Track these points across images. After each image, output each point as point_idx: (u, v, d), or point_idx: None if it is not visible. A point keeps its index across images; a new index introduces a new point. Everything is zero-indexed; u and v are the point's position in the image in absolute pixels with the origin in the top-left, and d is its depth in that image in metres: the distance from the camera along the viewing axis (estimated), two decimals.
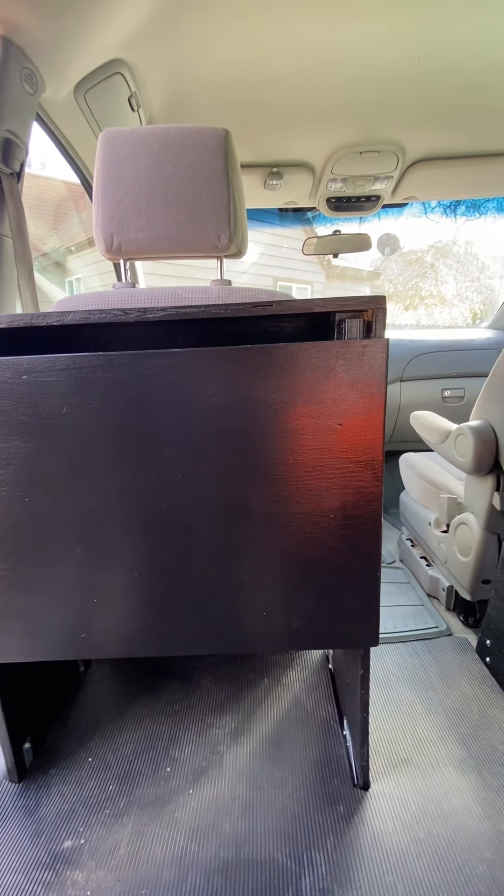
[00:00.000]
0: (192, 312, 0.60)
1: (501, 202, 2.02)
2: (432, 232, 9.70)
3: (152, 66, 1.08)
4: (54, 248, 4.27)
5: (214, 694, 1.03)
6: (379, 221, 2.19)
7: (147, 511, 0.65)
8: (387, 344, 0.60)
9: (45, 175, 3.43)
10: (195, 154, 0.75)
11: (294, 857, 0.70)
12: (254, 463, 0.64)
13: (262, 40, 1.02)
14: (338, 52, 1.04)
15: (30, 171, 3.35)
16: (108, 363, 0.60)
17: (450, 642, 1.18)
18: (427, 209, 2.13)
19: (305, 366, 0.61)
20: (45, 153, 1.33)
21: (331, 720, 0.95)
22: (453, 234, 9.18)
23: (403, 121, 1.29)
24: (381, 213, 2.00)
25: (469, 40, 1.03)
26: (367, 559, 0.67)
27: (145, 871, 0.69)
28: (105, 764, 0.87)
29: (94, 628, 0.71)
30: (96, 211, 0.78)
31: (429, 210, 2.13)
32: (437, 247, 9.68)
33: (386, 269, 9.81)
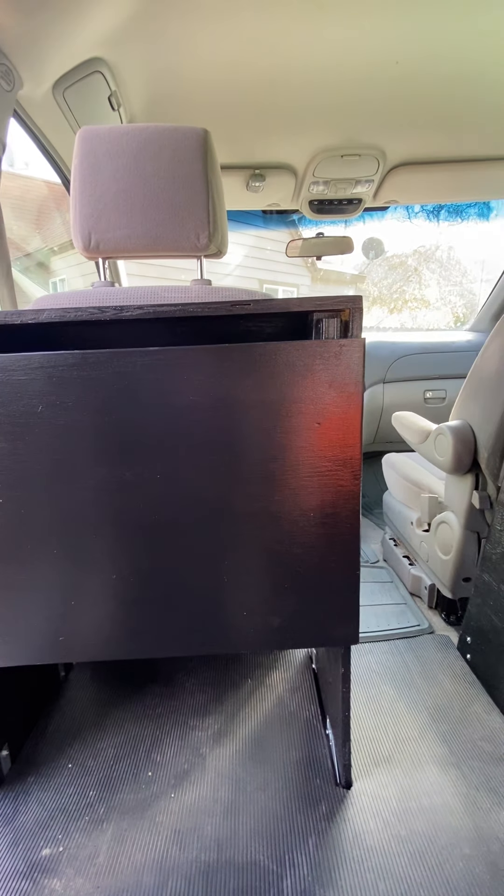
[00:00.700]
0: (169, 311, 0.59)
1: (482, 207, 2.07)
2: (416, 236, 9.84)
3: (132, 65, 1.07)
4: (38, 248, 4.23)
5: (197, 696, 1.02)
6: (364, 225, 2.21)
7: (125, 511, 0.65)
8: (363, 343, 0.61)
9: (28, 175, 3.39)
10: (174, 153, 0.75)
11: (276, 858, 0.69)
12: (232, 462, 0.64)
13: (242, 42, 1.02)
14: (318, 55, 1.05)
15: (12, 171, 3.27)
16: (84, 361, 0.59)
17: (432, 640, 1.19)
18: (411, 214, 2.16)
19: (283, 365, 0.61)
20: (29, 152, 1.32)
21: (314, 720, 0.95)
22: (436, 238, 9.33)
23: (383, 125, 1.31)
24: (365, 216, 2.02)
25: (447, 46, 1.05)
26: (346, 557, 0.67)
27: (125, 877, 0.68)
28: (85, 770, 0.86)
29: (71, 631, 0.70)
30: (74, 209, 0.77)
31: (412, 215, 2.16)
32: (421, 251, 9.83)
33: (370, 272, 9.92)
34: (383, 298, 10.01)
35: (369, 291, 9.96)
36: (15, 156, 3.07)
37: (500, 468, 1.00)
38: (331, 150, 1.40)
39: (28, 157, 2.83)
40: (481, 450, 1.05)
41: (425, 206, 2.10)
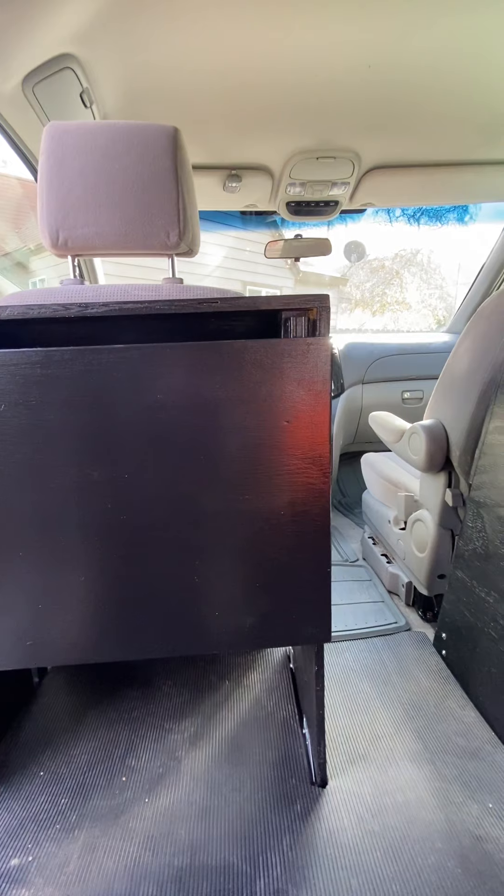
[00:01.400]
0: (134, 308, 0.59)
1: (461, 212, 2.10)
2: (397, 240, 9.99)
3: (104, 62, 1.06)
4: (16, 248, 4.15)
5: (175, 699, 1.01)
6: (346, 227, 2.23)
7: (92, 512, 0.64)
8: (329, 342, 0.61)
9: (5, 173, 3.33)
10: (143, 151, 0.75)
11: (249, 859, 0.69)
12: (201, 461, 0.63)
13: (216, 43, 1.02)
14: (291, 57, 1.06)
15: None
16: (48, 360, 0.58)
17: (408, 637, 1.21)
18: (392, 217, 2.19)
19: (252, 363, 0.61)
20: (6, 150, 1.29)
21: (291, 719, 0.95)
22: (417, 242, 9.49)
23: (357, 128, 1.32)
24: (347, 218, 2.04)
25: (418, 52, 1.07)
26: (316, 555, 0.67)
27: (95, 884, 0.66)
28: (57, 777, 0.84)
29: (40, 635, 0.68)
30: (41, 205, 0.76)
31: (394, 218, 2.19)
32: (402, 255, 9.98)
33: (353, 275, 10.04)
34: (366, 301, 10.14)
35: (352, 294, 10.08)
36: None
37: (471, 466, 1.01)
38: (306, 152, 1.41)
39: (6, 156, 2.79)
40: (453, 448, 1.07)
41: (406, 210, 2.12)
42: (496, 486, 0.91)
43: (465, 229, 2.18)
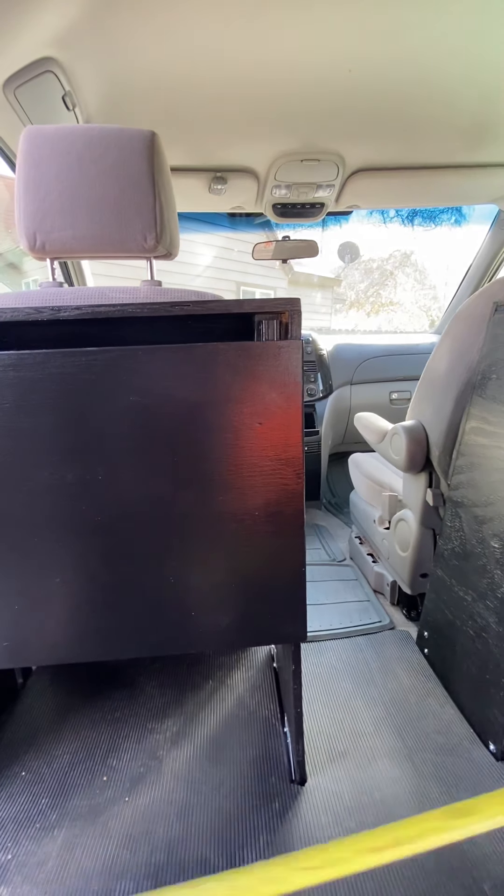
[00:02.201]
0: (106, 311, 0.59)
1: (454, 213, 2.12)
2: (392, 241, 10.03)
3: (86, 66, 1.07)
4: (9, 248, 4.14)
5: (157, 699, 1.02)
6: (341, 228, 2.24)
7: (67, 514, 0.64)
8: (301, 345, 0.62)
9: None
10: (119, 155, 0.75)
11: (226, 856, 0.70)
12: (175, 462, 0.64)
13: (197, 45, 1.03)
14: (273, 60, 1.07)
15: None
16: (20, 362, 0.58)
17: (392, 636, 1.22)
18: (386, 218, 2.20)
19: (224, 365, 0.62)
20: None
21: (273, 718, 0.96)
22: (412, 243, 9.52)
23: (340, 131, 1.33)
24: (341, 219, 2.05)
25: (399, 56, 1.08)
26: (291, 555, 0.68)
27: (73, 882, 0.67)
28: (39, 777, 0.84)
29: (16, 636, 0.69)
30: (18, 208, 0.76)
31: (388, 219, 2.20)
32: (396, 256, 10.02)
33: (347, 276, 10.07)
34: (360, 302, 10.17)
35: (346, 295, 10.10)
36: None
37: (450, 466, 1.02)
38: (290, 154, 1.42)
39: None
40: (433, 448, 1.08)
41: (400, 211, 2.14)
42: (473, 486, 0.92)
43: (457, 230, 2.20)
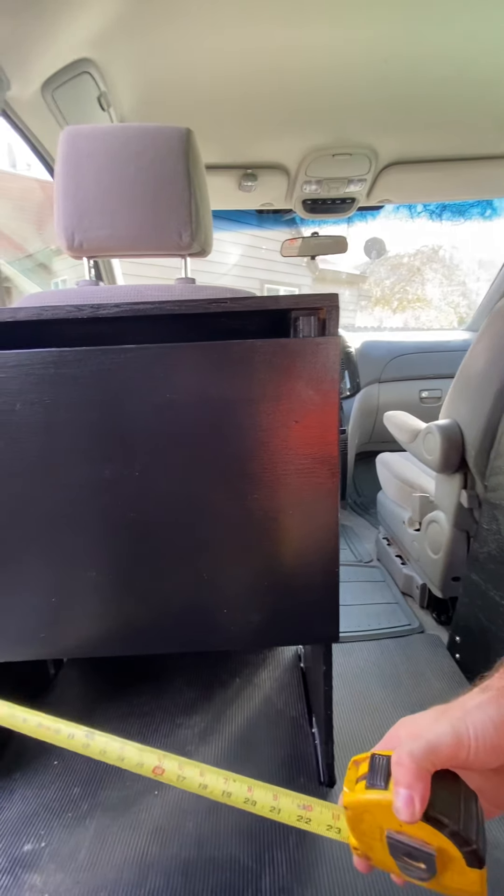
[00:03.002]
0: (145, 309, 0.60)
1: (485, 206, 2.06)
2: (418, 236, 9.83)
3: (121, 66, 1.08)
4: (39, 249, 4.24)
5: (185, 694, 1.03)
6: (367, 224, 2.21)
7: (103, 509, 0.65)
8: (339, 342, 0.61)
9: (30, 175, 3.40)
10: (156, 153, 0.75)
11: (255, 855, 0.69)
12: (210, 459, 0.64)
13: (230, 42, 1.02)
14: (305, 54, 1.06)
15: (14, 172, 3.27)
16: (61, 359, 0.59)
17: (421, 639, 1.19)
18: (413, 213, 2.15)
19: (261, 362, 0.61)
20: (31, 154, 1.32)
21: (301, 718, 0.95)
22: (439, 238, 9.32)
23: (374, 124, 1.31)
24: (367, 215, 2.02)
25: (434, 45, 1.05)
26: (325, 555, 0.67)
27: (105, 872, 0.68)
28: (70, 767, 0.86)
29: (52, 628, 0.70)
30: (57, 208, 0.77)
31: (415, 214, 2.16)
32: (424, 251, 9.82)
33: (373, 272, 9.92)
34: (386, 298, 10.01)
35: (371, 291, 9.96)
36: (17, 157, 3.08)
37: (487, 467, 0.99)
38: (322, 149, 1.40)
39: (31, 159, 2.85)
40: (469, 448, 1.05)
41: (428, 206, 2.09)
42: None
43: (488, 224, 2.14)
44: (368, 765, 0.34)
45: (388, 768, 0.32)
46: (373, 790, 0.32)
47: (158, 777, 0.42)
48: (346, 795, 0.34)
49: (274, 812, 0.38)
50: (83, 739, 0.45)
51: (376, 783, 0.32)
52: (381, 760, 0.33)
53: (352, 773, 0.35)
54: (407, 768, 0.30)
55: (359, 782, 0.33)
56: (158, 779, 0.42)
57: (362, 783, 0.33)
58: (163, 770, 0.42)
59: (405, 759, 0.30)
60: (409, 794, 0.29)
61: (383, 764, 0.33)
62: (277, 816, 0.38)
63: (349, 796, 0.33)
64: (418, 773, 0.30)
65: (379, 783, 0.32)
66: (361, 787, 0.33)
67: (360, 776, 0.34)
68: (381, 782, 0.32)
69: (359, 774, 0.34)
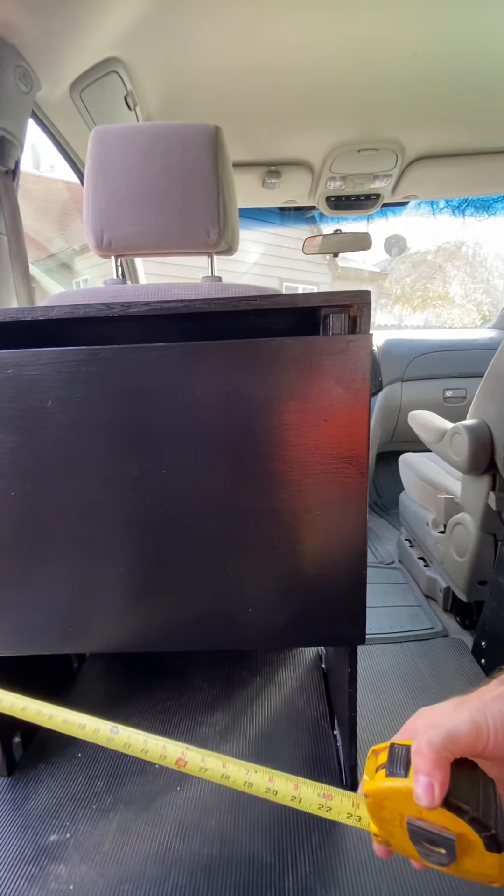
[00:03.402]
0: (175, 307, 0.60)
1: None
2: (440, 233, 9.64)
3: (147, 64, 1.08)
4: (61, 249, 4.31)
5: (206, 692, 1.03)
6: (387, 221, 2.17)
7: (131, 506, 0.65)
8: (371, 339, 0.60)
9: (52, 177, 3.46)
10: (184, 150, 0.75)
11: (278, 854, 0.69)
12: (237, 458, 0.64)
13: (256, 38, 1.02)
14: (333, 49, 1.04)
15: (37, 173, 3.32)
16: (92, 357, 0.60)
17: (445, 643, 1.17)
18: (435, 209, 2.11)
19: (289, 361, 0.61)
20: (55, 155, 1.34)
21: (322, 719, 0.94)
22: (462, 235, 9.13)
23: (401, 118, 1.28)
24: (387, 212, 1.99)
25: (465, 38, 1.03)
26: (352, 556, 0.66)
27: (129, 866, 0.69)
28: (94, 760, 0.87)
29: (79, 623, 0.71)
30: (87, 207, 0.78)
31: (437, 210, 2.11)
32: (446, 248, 9.63)
33: (393, 270, 9.79)
34: (406, 296, 9.86)
35: (392, 289, 9.83)
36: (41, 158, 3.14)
37: None
38: (348, 144, 1.38)
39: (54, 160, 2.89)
40: (498, 449, 1.02)
41: (450, 201, 2.05)
42: None
43: None
44: (388, 754, 0.35)
45: (407, 757, 0.33)
46: (393, 778, 0.33)
47: (181, 768, 0.43)
48: (366, 783, 0.35)
49: (295, 801, 0.39)
50: (107, 734, 0.46)
51: (396, 771, 0.33)
52: (400, 750, 0.34)
53: (371, 763, 0.36)
54: (426, 756, 0.31)
55: (378, 771, 0.35)
56: (181, 770, 0.43)
57: (382, 772, 0.34)
58: (185, 762, 0.43)
59: (425, 747, 0.31)
60: (428, 781, 0.30)
61: (403, 753, 0.34)
62: (299, 805, 0.39)
63: (369, 784, 0.34)
64: (438, 761, 0.31)
65: (399, 771, 0.33)
66: (381, 776, 0.34)
67: (379, 765, 0.35)
68: (401, 770, 0.33)
69: (378, 763, 0.35)
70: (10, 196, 0.95)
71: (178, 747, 0.44)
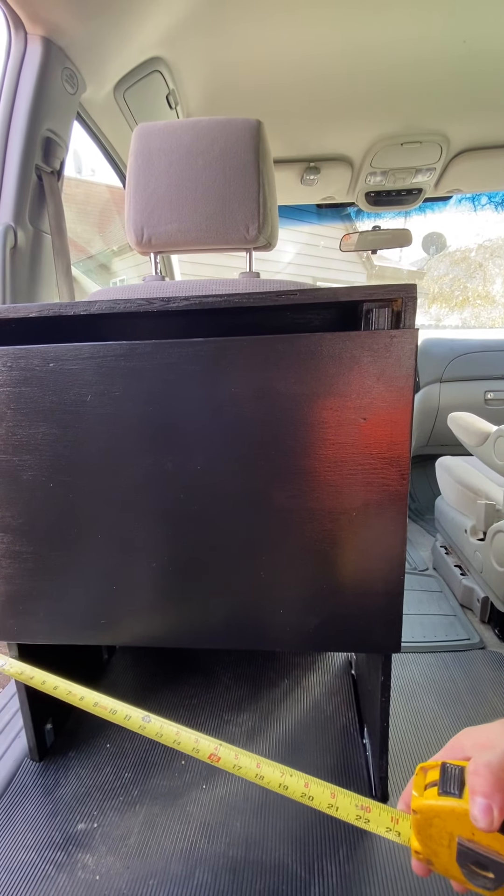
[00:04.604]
0: (214, 302, 0.59)
1: None
2: (481, 230, 9.31)
3: (189, 63, 1.08)
4: (100, 250, 4.43)
5: (233, 691, 1.02)
6: (425, 217, 2.11)
7: (166, 501, 0.65)
8: (416, 335, 0.57)
9: (92, 180, 3.55)
10: (226, 145, 0.75)
11: (305, 864, 0.68)
12: (273, 455, 0.62)
13: (296, 34, 1.00)
14: (376, 39, 1.01)
15: (79, 177, 3.40)
16: (131, 352, 0.60)
17: (482, 656, 1.12)
18: (476, 205, 2.03)
19: (329, 357, 0.59)
20: (96, 159, 1.37)
21: (351, 727, 0.92)
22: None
23: (447, 109, 1.24)
24: (426, 208, 1.93)
25: None
26: (390, 561, 0.64)
27: (154, 861, 0.69)
28: (122, 751, 0.88)
29: (112, 615, 0.72)
30: (128, 204, 0.79)
31: (478, 206, 2.04)
32: (487, 246, 9.29)
33: (431, 268, 9.53)
34: (444, 295, 9.58)
35: (429, 288, 9.57)
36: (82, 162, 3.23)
37: None
38: (390, 138, 1.35)
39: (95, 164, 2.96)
40: None
41: (493, 196, 1.96)
42: None
43: None
44: (440, 772, 0.34)
45: (461, 777, 0.33)
46: (446, 797, 0.33)
47: (214, 763, 0.43)
48: (415, 800, 0.34)
49: (332, 809, 0.39)
50: (139, 721, 0.46)
51: (450, 790, 0.33)
52: (453, 769, 0.34)
53: (419, 780, 0.36)
54: (485, 778, 0.30)
55: (428, 789, 0.34)
56: (214, 764, 0.43)
57: (433, 790, 0.34)
58: (218, 757, 0.43)
59: (482, 769, 0.31)
60: (487, 803, 0.30)
61: (456, 773, 0.34)
62: (335, 813, 0.39)
63: (419, 801, 0.34)
64: (497, 783, 0.30)
65: (453, 791, 0.33)
66: (433, 794, 0.33)
67: (429, 783, 0.35)
68: (455, 790, 0.33)
69: (427, 781, 0.35)
70: (55, 196, 0.97)
71: (211, 742, 0.44)
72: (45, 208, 0.97)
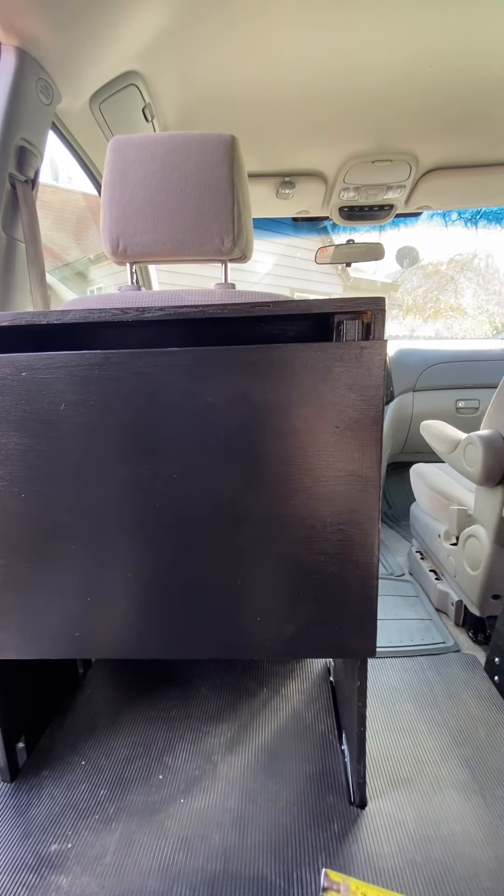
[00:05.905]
0: (189, 312, 0.60)
1: None
2: (452, 244, 9.65)
3: (165, 77, 1.10)
4: (76, 258, 4.39)
5: (212, 702, 1.01)
6: (398, 232, 2.18)
7: (141, 510, 0.65)
8: (385, 346, 0.59)
9: (69, 188, 3.53)
10: (201, 160, 0.76)
11: (283, 874, 0.67)
12: (248, 464, 0.63)
13: (272, 51, 1.03)
14: (348, 61, 1.05)
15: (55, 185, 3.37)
16: (106, 361, 0.60)
17: (457, 659, 1.14)
18: (448, 220, 2.11)
19: (302, 367, 0.60)
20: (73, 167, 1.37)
21: (329, 734, 0.92)
22: (474, 246, 9.13)
23: (415, 129, 1.29)
24: (399, 223, 1.99)
25: (482, 48, 1.03)
26: (363, 566, 0.65)
27: (130, 879, 0.67)
28: (98, 768, 0.86)
29: (87, 627, 0.71)
30: (103, 215, 0.79)
31: (449, 221, 2.12)
32: (458, 259, 9.63)
33: (405, 281, 9.80)
34: (418, 307, 9.85)
35: (403, 300, 9.83)
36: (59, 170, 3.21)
37: None
38: (362, 156, 1.39)
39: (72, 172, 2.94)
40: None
41: (463, 213, 2.05)
42: None
43: None
44: None
45: None
46: None
47: None
48: None
49: None
50: None
51: None
52: None
53: None
54: None
55: None
56: None
57: None
58: None
59: None
60: None
61: None
62: None
63: None
64: None
65: None
66: None
67: None
68: None
69: None
70: (29, 205, 0.97)
71: None
72: (18, 216, 0.97)
